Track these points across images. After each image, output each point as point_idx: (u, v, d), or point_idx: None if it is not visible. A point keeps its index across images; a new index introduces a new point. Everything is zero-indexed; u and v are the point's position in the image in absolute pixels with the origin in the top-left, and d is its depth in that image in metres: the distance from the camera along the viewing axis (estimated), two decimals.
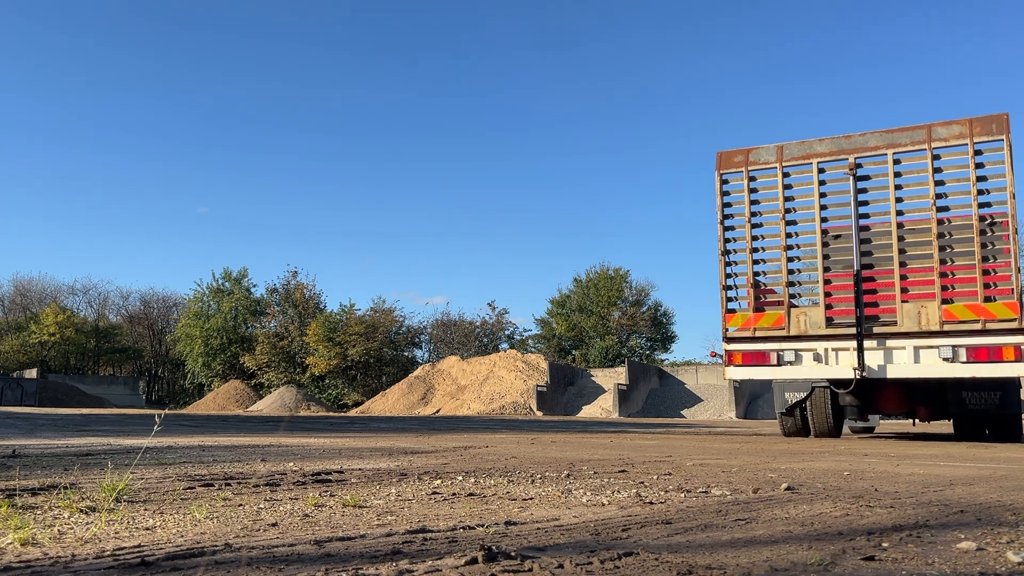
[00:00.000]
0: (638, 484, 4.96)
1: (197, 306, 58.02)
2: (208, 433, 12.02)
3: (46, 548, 2.65)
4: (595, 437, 12.33)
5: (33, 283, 68.23)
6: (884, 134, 8.88)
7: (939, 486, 5.00)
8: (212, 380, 55.25)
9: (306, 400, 43.39)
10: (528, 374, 38.36)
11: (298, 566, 2.43)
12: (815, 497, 4.34)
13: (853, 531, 3.20)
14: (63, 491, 4.09)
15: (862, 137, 8.94)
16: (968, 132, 8.36)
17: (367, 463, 6.51)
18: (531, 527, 3.25)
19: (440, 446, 9.12)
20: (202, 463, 6.28)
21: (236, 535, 2.97)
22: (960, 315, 8.21)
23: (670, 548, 2.78)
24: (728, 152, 8.96)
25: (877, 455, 8.23)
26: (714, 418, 32.47)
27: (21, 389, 46.13)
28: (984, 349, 8.12)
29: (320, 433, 12.59)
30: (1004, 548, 2.84)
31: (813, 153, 8.94)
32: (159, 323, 68.78)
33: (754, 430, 17.69)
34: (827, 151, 8.87)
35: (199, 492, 4.32)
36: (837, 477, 5.60)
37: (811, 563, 2.55)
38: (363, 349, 47.32)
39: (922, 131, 8.62)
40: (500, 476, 5.41)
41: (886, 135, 8.82)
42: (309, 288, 55.34)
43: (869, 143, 8.81)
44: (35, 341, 56.79)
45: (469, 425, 18.25)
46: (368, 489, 4.58)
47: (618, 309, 52.36)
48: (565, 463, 6.69)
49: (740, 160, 8.98)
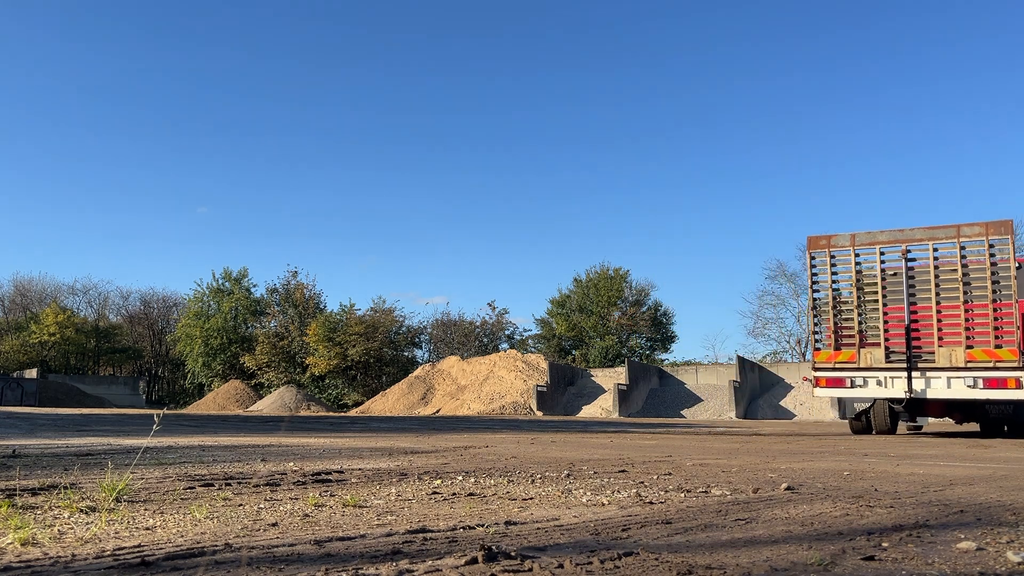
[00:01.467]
0: (638, 484, 4.96)
1: (197, 306, 58.00)
2: (208, 433, 12.03)
3: (46, 548, 2.65)
4: (595, 437, 12.34)
5: (33, 283, 68.31)
6: (927, 230, 12.24)
7: (939, 486, 5.01)
8: (212, 380, 55.24)
9: (306, 400, 43.39)
10: (528, 374, 38.35)
11: (298, 566, 2.43)
12: (815, 497, 4.34)
13: (853, 531, 3.20)
14: (63, 491, 4.09)
15: (911, 231, 12.29)
16: (985, 232, 11.74)
17: (367, 463, 6.51)
18: (531, 527, 3.25)
19: (440, 446, 9.12)
20: (202, 463, 6.28)
21: (236, 535, 2.97)
22: (979, 357, 11.66)
23: (670, 548, 2.79)
24: (814, 237, 12.71)
25: (877, 455, 8.23)
26: (714, 418, 32.47)
27: (21, 389, 46.13)
28: (995, 380, 11.48)
29: (320, 433, 12.59)
30: (1004, 548, 2.84)
31: (876, 241, 12.43)
32: (159, 323, 68.78)
33: (754, 430, 17.69)
34: (886, 240, 12.34)
35: (199, 492, 4.32)
36: (837, 477, 5.60)
37: (811, 563, 2.55)
38: (363, 349, 47.31)
39: (953, 229, 11.95)
40: (500, 476, 5.41)
41: (928, 231, 12.18)
42: (309, 288, 55.37)
43: (916, 236, 12.20)
44: (35, 341, 56.78)
45: (469, 425, 18.25)
46: (368, 489, 4.58)
47: (618, 309, 52.35)
48: (565, 463, 6.69)
49: (824, 243, 12.58)
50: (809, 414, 32.88)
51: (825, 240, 12.52)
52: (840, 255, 12.48)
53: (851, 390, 12.35)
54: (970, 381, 11.58)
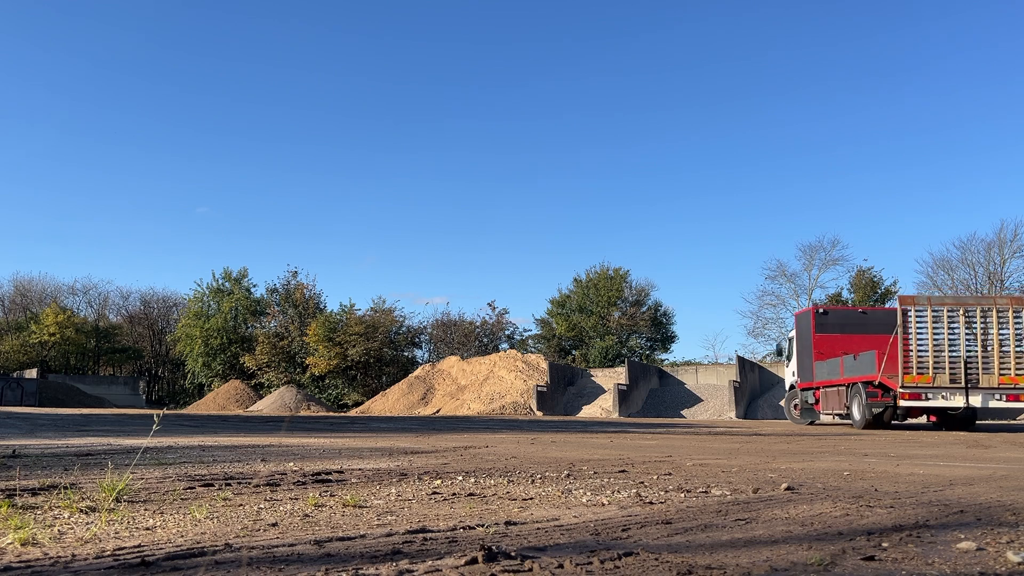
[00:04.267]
0: (638, 484, 4.96)
1: (197, 306, 58.00)
2: (208, 433, 12.03)
3: (46, 548, 2.65)
4: (595, 437, 12.34)
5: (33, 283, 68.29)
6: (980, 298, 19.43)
7: (939, 486, 5.01)
8: (212, 380, 55.22)
9: (306, 400, 43.39)
10: (528, 374, 38.35)
11: (298, 566, 2.43)
12: (815, 497, 4.34)
13: (853, 531, 3.20)
14: (63, 491, 4.09)
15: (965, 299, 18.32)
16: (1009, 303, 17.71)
17: (367, 463, 6.51)
18: (531, 527, 3.25)
19: (440, 446, 9.12)
20: (202, 463, 6.28)
21: (236, 535, 2.97)
22: (1006, 381, 17.20)
23: (670, 548, 2.79)
24: (904, 296, 17.62)
25: (877, 455, 8.23)
26: (714, 418, 32.47)
27: (21, 389, 46.12)
28: (1013, 396, 17.35)
29: (320, 433, 12.59)
30: (1004, 548, 2.84)
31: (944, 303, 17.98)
32: (159, 323, 68.75)
33: (754, 430, 17.69)
34: (951, 302, 17.94)
35: (199, 492, 4.32)
36: (837, 477, 5.60)
37: (811, 563, 2.55)
38: (363, 349, 47.32)
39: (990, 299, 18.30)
40: (500, 476, 5.41)
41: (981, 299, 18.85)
42: (309, 288, 55.36)
43: (969, 301, 18.04)
44: (35, 341, 56.79)
45: (469, 425, 18.25)
46: (368, 489, 4.58)
47: (618, 309, 52.33)
48: (565, 463, 6.69)
49: (909, 301, 17.47)
50: None
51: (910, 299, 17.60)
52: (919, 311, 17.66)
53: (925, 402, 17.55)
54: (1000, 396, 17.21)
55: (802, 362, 22.19)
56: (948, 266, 44.94)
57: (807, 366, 21.78)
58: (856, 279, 46.66)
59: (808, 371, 21.71)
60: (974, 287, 43.67)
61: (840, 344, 20.81)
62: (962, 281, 44.25)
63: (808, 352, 21.78)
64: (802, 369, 22.16)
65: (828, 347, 21.14)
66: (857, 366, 19.10)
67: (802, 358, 22.22)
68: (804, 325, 22.18)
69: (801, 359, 22.29)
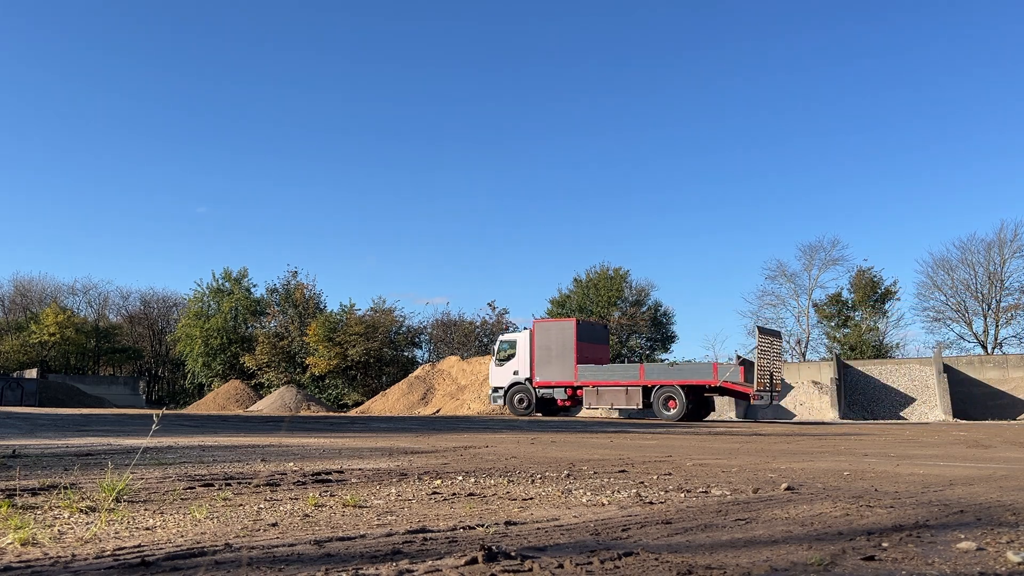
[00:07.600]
0: (638, 484, 4.96)
1: (197, 306, 57.94)
2: (208, 433, 12.02)
3: (46, 548, 2.65)
4: (595, 437, 12.34)
5: (33, 283, 68.26)
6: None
7: (939, 486, 5.00)
8: (212, 380, 55.16)
9: (306, 400, 43.33)
10: None
11: (298, 566, 2.43)
12: (815, 497, 4.34)
13: (853, 531, 3.20)
14: (63, 491, 4.09)
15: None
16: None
17: (367, 463, 6.51)
18: (531, 527, 3.25)
19: (440, 446, 9.12)
20: (202, 463, 6.28)
21: (236, 535, 2.97)
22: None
23: (670, 548, 2.79)
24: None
25: (877, 455, 8.23)
26: (714, 418, 32.45)
27: (21, 389, 46.08)
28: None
29: (320, 433, 12.59)
30: (1004, 548, 2.84)
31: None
32: (159, 323, 68.70)
33: (754, 430, 17.69)
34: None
35: (199, 492, 4.32)
36: (837, 477, 5.60)
37: (811, 563, 2.55)
38: (363, 349, 47.26)
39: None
40: (500, 476, 5.41)
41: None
42: (309, 288, 55.28)
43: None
44: (35, 341, 56.73)
45: (469, 425, 18.25)
46: (368, 489, 4.58)
47: (618, 309, 52.32)
48: (565, 463, 6.69)
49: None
50: (809, 414, 32.86)
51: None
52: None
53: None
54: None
55: (545, 363, 26.04)
56: (948, 266, 44.97)
57: (568, 366, 25.58)
58: (856, 279, 46.67)
59: (556, 371, 25.78)
60: (974, 287, 43.73)
61: (589, 351, 25.64)
62: (962, 281, 44.29)
63: (566, 355, 25.63)
64: (542, 369, 26.06)
65: (590, 353, 25.81)
66: (679, 372, 24.87)
67: (546, 361, 26.04)
68: (555, 333, 26.29)
69: (544, 361, 26.06)
